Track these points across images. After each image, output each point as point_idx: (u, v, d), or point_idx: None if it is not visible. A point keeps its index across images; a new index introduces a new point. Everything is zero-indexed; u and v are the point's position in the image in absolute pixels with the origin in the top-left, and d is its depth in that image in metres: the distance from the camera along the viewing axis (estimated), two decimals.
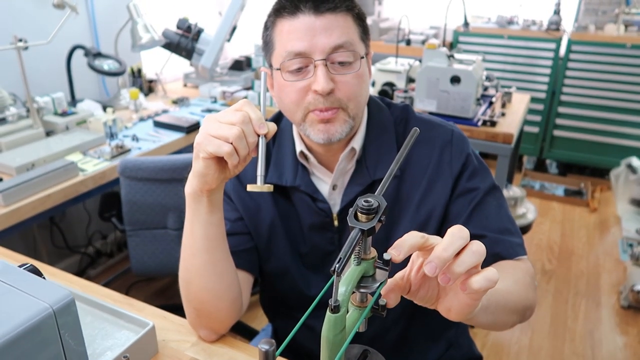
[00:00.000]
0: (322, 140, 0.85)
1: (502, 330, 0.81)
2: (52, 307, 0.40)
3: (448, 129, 0.95)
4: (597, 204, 3.30)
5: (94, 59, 2.18)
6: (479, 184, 0.91)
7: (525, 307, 0.80)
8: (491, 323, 0.71)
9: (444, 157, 0.92)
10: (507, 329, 0.82)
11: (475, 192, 0.91)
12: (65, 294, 0.41)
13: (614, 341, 2.17)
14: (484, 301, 0.63)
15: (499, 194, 0.94)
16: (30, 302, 0.40)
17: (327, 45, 0.81)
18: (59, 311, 0.40)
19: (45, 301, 0.40)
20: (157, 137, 1.99)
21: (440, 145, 0.93)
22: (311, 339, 0.91)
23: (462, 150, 0.93)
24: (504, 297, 0.72)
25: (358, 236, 0.49)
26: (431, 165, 0.92)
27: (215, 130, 0.71)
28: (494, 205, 0.91)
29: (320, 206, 0.93)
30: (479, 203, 0.90)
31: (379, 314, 0.55)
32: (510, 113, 2.20)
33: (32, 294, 0.40)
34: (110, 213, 1.91)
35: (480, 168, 0.94)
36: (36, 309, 0.39)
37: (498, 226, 0.89)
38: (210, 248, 0.83)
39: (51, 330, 0.41)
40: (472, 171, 0.92)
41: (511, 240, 0.88)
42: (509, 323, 0.78)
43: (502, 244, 0.87)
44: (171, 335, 0.91)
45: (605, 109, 3.38)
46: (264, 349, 0.33)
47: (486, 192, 0.91)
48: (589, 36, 3.33)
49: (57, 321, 0.40)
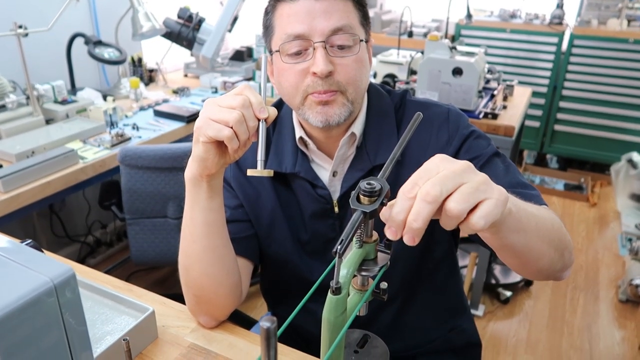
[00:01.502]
0: (321, 124, 0.85)
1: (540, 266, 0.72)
2: (53, 281, 0.39)
3: (444, 108, 0.94)
4: (596, 199, 3.30)
5: (95, 47, 2.17)
6: (481, 150, 0.89)
7: (562, 243, 0.73)
8: (524, 246, 0.65)
9: (441, 137, 0.91)
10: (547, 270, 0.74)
11: (478, 158, 0.88)
12: (66, 269, 0.41)
13: (612, 335, 2.18)
14: (513, 209, 0.58)
15: (504, 158, 0.91)
16: (31, 276, 0.39)
17: (327, 28, 0.81)
18: (60, 285, 0.40)
19: (46, 275, 0.40)
20: (157, 126, 1.98)
21: (437, 125, 0.92)
22: (312, 324, 0.91)
23: (458, 126, 0.92)
24: (535, 218, 0.66)
25: (360, 218, 0.49)
26: (430, 146, 0.91)
27: (215, 114, 0.71)
28: (501, 166, 0.88)
29: (320, 193, 0.93)
30: (483, 165, 0.87)
31: (380, 297, 0.55)
32: (512, 106, 2.20)
33: (33, 268, 0.40)
34: (110, 201, 1.90)
35: (480, 137, 0.92)
36: (37, 283, 0.39)
37: (510, 182, 0.85)
38: (210, 234, 0.83)
39: (52, 304, 0.40)
40: (473, 141, 0.91)
41: (529, 192, 0.83)
42: (546, 254, 0.70)
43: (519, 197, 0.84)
44: (171, 321, 0.91)
45: (607, 104, 3.38)
46: (266, 326, 0.33)
47: (490, 156, 0.89)
48: (591, 31, 3.31)
49: (58, 296, 0.40)
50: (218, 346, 0.85)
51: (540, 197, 0.84)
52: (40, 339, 0.41)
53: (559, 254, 0.73)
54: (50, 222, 2.37)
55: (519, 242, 0.64)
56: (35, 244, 0.47)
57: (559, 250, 0.73)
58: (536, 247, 0.68)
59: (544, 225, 0.69)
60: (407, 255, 0.94)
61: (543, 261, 0.71)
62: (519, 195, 0.78)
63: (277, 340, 0.36)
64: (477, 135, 0.92)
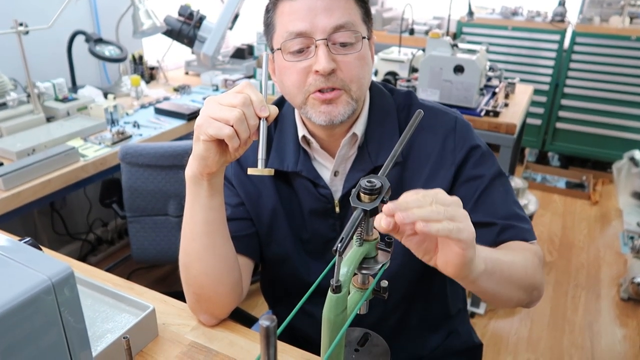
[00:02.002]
0: (324, 122, 0.84)
1: (508, 305, 0.80)
2: (51, 279, 0.39)
3: (452, 116, 0.94)
4: (598, 197, 3.29)
5: (95, 44, 2.17)
6: (484, 171, 0.90)
7: (531, 285, 0.79)
8: (495, 293, 0.71)
9: (447, 145, 0.91)
10: (513, 306, 0.81)
11: (481, 180, 0.89)
12: (64, 267, 0.41)
13: (614, 333, 2.18)
14: (488, 265, 0.64)
15: (505, 180, 0.92)
16: (29, 274, 0.39)
17: (328, 25, 0.80)
18: (58, 283, 0.40)
19: (45, 273, 0.39)
20: (158, 124, 1.98)
21: (443, 132, 0.92)
22: (311, 326, 0.91)
23: (465, 138, 0.92)
24: (508, 268, 0.72)
25: (360, 216, 0.48)
26: (434, 153, 0.91)
27: (215, 113, 0.71)
28: (501, 191, 0.90)
29: (322, 192, 0.92)
30: (485, 190, 0.89)
31: (381, 296, 0.54)
32: (514, 104, 2.19)
33: (31, 267, 0.40)
34: (111, 199, 1.90)
35: (485, 155, 0.92)
36: (35, 281, 0.39)
37: (506, 212, 0.88)
38: (210, 232, 0.83)
39: (50, 303, 0.40)
40: (477, 158, 0.91)
41: (521, 226, 0.87)
42: (514, 298, 0.78)
43: (512, 230, 0.86)
44: (171, 319, 0.90)
45: (609, 102, 3.37)
46: (265, 324, 0.33)
47: (492, 179, 0.90)
48: (593, 28, 3.30)
49: (56, 294, 0.40)
50: (219, 344, 0.85)
51: (531, 231, 0.89)
52: (38, 337, 0.41)
53: (528, 294, 0.79)
54: (52, 220, 2.37)
55: (489, 287, 0.69)
56: (34, 242, 0.47)
57: (528, 292, 0.79)
58: (505, 293, 0.74)
59: (517, 274, 0.75)
60: (413, 263, 0.94)
61: (510, 302, 0.79)
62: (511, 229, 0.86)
63: (276, 339, 0.36)
64: (483, 152, 0.92)
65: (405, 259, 0.91)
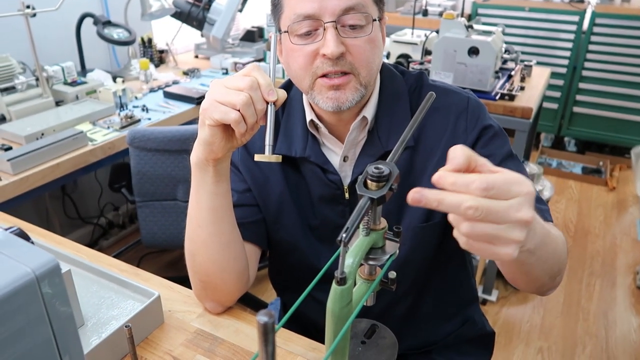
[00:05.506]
0: (332, 108, 0.81)
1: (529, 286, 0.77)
2: (35, 272, 0.37)
3: (464, 96, 0.90)
4: (615, 183, 3.22)
5: (104, 27, 2.15)
6: (495, 150, 0.86)
7: (560, 269, 0.76)
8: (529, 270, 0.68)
9: (459, 126, 0.87)
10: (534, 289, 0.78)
11: (492, 158, 0.86)
12: (49, 259, 0.39)
13: (629, 322, 2.14)
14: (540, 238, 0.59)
15: (517, 162, 0.88)
16: (11, 266, 0.37)
17: (338, 7, 0.76)
18: (42, 276, 0.38)
19: (28, 265, 0.37)
20: (167, 108, 1.96)
21: (455, 113, 0.88)
22: (319, 312, 0.89)
23: (478, 118, 0.88)
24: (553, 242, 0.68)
25: (367, 205, 0.46)
26: (446, 134, 0.87)
27: (222, 96, 0.68)
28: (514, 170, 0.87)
29: (331, 178, 0.90)
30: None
31: (389, 287, 0.52)
32: (530, 87, 2.13)
33: (15, 258, 0.38)
34: (120, 184, 1.90)
35: (497, 134, 0.88)
36: (17, 273, 0.37)
37: None
38: (216, 219, 0.81)
39: (33, 297, 0.38)
40: (489, 138, 0.87)
41: (538, 206, 0.80)
42: (539, 281, 0.74)
43: None
44: (177, 306, 0.89)
45: (629, 85, 3.27)
46: (263, 321, 0.31)
47: (504, 158, 0.86)
48: (614, 8, 3.19)
49: (41, 287, 0.38)
50: (224, 332, 0.84)
51: (549, 212, 0.85)
52: (23, 334, 0.39)
53: (552, 280, 0.76)
54: (63, 204, 2.38)
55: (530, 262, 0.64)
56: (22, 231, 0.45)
57: (554, 277, 0.76)
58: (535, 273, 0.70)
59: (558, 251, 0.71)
60: (423, 250, 0.91)
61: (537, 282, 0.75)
62: None
63: (275, 336, 0.34)
64: (495, 131, 0.88)
65: (415, 244, 0.89)
